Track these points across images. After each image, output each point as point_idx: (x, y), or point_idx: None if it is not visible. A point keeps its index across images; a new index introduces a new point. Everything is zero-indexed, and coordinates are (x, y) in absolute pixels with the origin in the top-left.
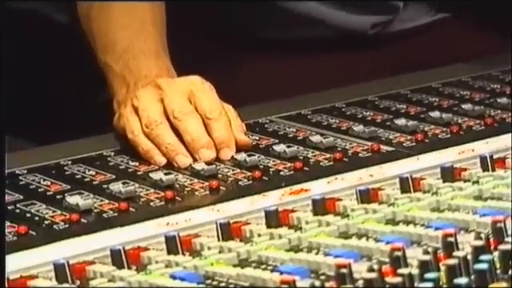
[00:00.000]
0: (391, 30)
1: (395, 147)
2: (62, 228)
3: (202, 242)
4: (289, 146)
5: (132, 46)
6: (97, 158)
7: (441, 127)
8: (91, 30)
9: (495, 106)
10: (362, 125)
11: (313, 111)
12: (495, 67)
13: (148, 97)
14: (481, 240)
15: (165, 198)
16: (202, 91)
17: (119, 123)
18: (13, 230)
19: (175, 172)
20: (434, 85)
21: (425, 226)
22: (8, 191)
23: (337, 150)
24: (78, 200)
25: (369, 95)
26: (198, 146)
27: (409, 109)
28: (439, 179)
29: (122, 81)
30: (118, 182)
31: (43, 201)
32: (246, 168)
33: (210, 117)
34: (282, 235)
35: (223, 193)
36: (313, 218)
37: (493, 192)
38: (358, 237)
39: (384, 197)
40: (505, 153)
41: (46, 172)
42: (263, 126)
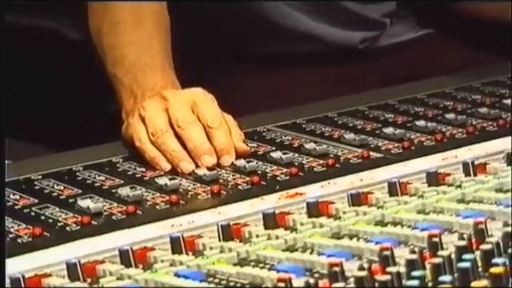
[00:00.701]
0: (379, 45)
1: (384, 154)
2: (74, 230)
3: (204, 243)
4: (285, 153)
5: (139, 61)
6: (106, 165)
7: (426, 135)
8: (102, 45)
9: (476, 115)
10: (352, 133)
11: (307, 120)
12: (476, 79)
13: (154, 107)
14: (463, 240)
15: (169, 201)
16: (204, 102)
17: (127, 132)
18: (28, 231)
19: (179, 177)
20: (419, 96)
21: (411, 227)
22: (24, 195)
23: (329, 156)
24: (88, 203)
25: (359, 105)
26: (201, 153)
27: (396, 118)
28: (425, 183)
29: (130, 92)
30: (126, 187)
31: (57, 204)
32: (245, 173)
33: (211, 126)
34: (278, 236)
35: (224, 196)
36: (307, 220)
37: (474, 195)
38: (349, 237)
39: (373, 200)
40: (485, 159)
41: (60, 177)
42: (261, 134)
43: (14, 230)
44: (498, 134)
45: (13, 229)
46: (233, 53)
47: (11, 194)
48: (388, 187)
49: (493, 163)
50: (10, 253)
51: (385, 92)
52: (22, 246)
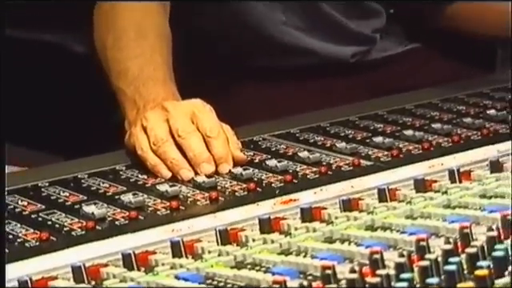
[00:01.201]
0: (369, 59)
1: (373, 162)
2: (79, 234)
3: (203, 247)
4: (280, 161)
5: (142, 74)
6: (110, 172)
7: (414, 144)
8: (106, 59)
9: (461, 125)
10: (344, 142)
11: (301, 130)
12: (461, 91)
13: (155, 117)
14: (450, 244)
15: (170, 207)
16: (203, 113)
17: (130, 141)
18: (36, 236)
19: (179, 184)
20: (407, 106)
21: (400, 231)
22: (31, 201)
23: (322, 164)
24: (93, 209)
25: (350, 116)
26: (200, 161)
27: (385, 128)
28: (412, 190)
29: (133, 104)
30: (129, 193)
31: (63, 210)
32: (241, 180)
33: (209, 135)
34: (273, 240)
35: (222, 203)
36: (301, 225)
37: (460, 201)
38: (341, 241)
39: (364, 206)
40: (470, 166)
41: (66, 184)
42: (257, 143)
43: (22, 234)
44: (481, 142)
45: (21, 233)
46: (231, 66)
47: (19, 200)
48: (378, 193)
49: (477, 170)
50: (18, 256)
51: (374, 103)
52: (29, 250)
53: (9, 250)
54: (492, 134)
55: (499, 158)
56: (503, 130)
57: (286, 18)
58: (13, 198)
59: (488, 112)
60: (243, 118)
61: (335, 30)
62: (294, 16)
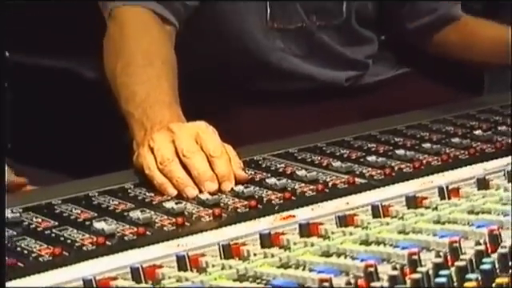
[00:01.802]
0: (363, 83)
1: (367, 180)
2: (90, 249)
3: (207, 261)
4: (279, 179)
5: (149, 98)
6: (119, 190)
7: (405, 163)
8: (116, 84)
9: (450, 145)
10: (339, 161)
11: (299, 150)
12: (449, 113)
13: (162, 139)
14: (440, 258)
15: (176, 223)
16: (207, 134)
17: (138, 161)
18: (49, 251)
19: (184, 201)
20: (398, 127)
21: (393, 246)
22: (45, 218)
23: (319, 182)
24: (103, 225)
25: (345, 136)
26: (204, 180)
27: (378, 148)
28: (404, 206)
29: (141, 125)
30: (137, 210)
31: (74, 226)
32: (243, 198)
33: (213, 155)
34: (274, 254)
35: (224, 219)
36: (299, 240)
37: (449, 217)
38: (337, 255)
39: (359, 221)
40: (458, 184)
41: (77, 202)
42: (257, 162)
43: (36, 249)
44: (469, 161)
45: (35, 249)
46: (233, 90)
47: (34, 217)
48: (371, 210)
49: (465, 188)
50: (32, 271)
51: (368, 124)
52: (43, 265)
53: (24, 265)
54: (479, 153)
55: (485, 176)
56: (489, 149)
57: (284, 45)
58: (28, 215)
59: (475, 133)
60: (244, 138)
61: (330, 57)
62: (292, 43)
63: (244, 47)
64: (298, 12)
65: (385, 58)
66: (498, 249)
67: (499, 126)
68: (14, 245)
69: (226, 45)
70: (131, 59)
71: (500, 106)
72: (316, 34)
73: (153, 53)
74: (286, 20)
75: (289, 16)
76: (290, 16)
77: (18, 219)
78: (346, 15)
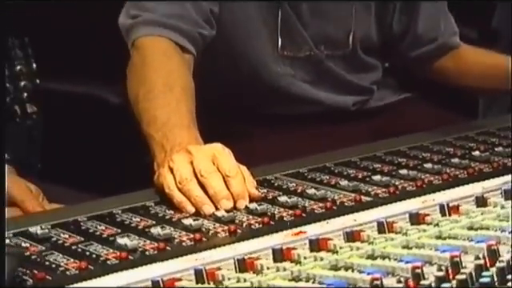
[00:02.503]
0: (368, 107)
1: (373, 198)
2: (114, 263)
3: (223, 274)
4: (290, 198)
5: (169, 121)
6: (141, 208)
7: (408, 182)
8: (138, 109)
9: (450, 164)
10: (346, 180)
11: (308, 170)
12: (449, 135)
13: (181, 160)
14: (442, 271)
15: (194, 239)
16: (223, 155)
17: (158, 180)
18: (75, 265)
19: (202, 218)
20: (402, 149)
21: (397, 260)
22: (72, 234)
23: (327, 200)
24: (126, 241)
25: (352, 157)
26: (220, 198)
27: (383, 167)
28: (408, 223)
29: (161, 147)
30: (158, 227)
31: (99, 242)
32: (257, 215)
33: (228, 175)
34: (285, 268)
35: (239, 235)
36: (309, 254)
37: (450, 233)
38: (345, 269)
39: (365, 237)
40: (458, 202)
41: (102, 219)
42: (270, 181)
43: (63, 264)
44: (468, 180)
45: (62, 263)
46: (246, 113)
47: (61, 233)
48: (377, 226)
49: (464, 205)
50: (59, 284)
51: (373, 146)
52: (70, 278)
53: (51, 278)
54: (477, 172)
55: (484, 194)
56: (487, 169)
57: (293, 72)
58: (56, 231)
59: (473, 153)
60: (258, 159)
61: (338, 83)
62: (301, 70)
63: (256, 73)
64: (306, 41)
65: (388, 83)
66: (496, 263)
67: (496, 148)
68: (42, 259)
69: (239, 71)
70: (152, 86)
71: (497, 129)
72: (324, 62)
73: (172, 80)
74: (296, 48)
75: (298, 45)
76: (299, 45)
77: (47, 235)
78: (352, 46)
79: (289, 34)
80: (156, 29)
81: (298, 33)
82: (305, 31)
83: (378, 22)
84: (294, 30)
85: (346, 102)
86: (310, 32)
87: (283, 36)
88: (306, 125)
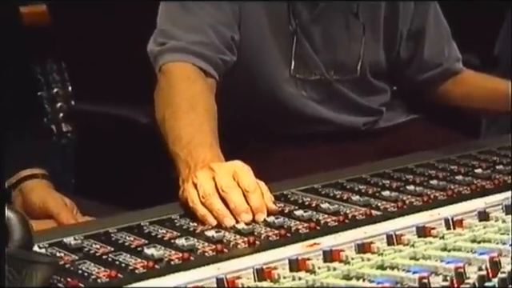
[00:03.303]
0: (377, 127)
1: (382, 212)
2: (141, 272)
3: (242, 283)
4: (305, 211)
5: (193, 140)
6: (167, 220)
7: (415, 197)
8: (164, 128)
9: (454, 181)
10: (358, 195)
11: (322, 186)
12: (453, 153)
13: (204, 176)
14: (447, 281)
15: (216, 249)
16: (243, 171)
17: (183, 195)
18: (106, 273)
19: (223, 230)
20: (409, 166)
21: (405, 270)
22: (103, 245)
23: (340, 214)
24: (153, 251)
25: (362, 174)
26: (240, 212)
27: (392, 184)
28: (415, 235)
29: (186, 164)
30: (182, 238)
31: (128, 252)
32: (274, 227)
33: (248, 190)
34: (301, 277)
35: (258, 246)
36: (323, 265)
37: (454, 245)
38: (356, 279)
39: (375, 248)
40: (462, 216)
41: (131, 230)
42: (286, 196)
43: (95, 272)
44: (471, 196)
45: (94, 271)
46: (264, 133)
47: (93, 243)
48: (386, 238)
49: (468, 219)
50: None
51: (382, 163)
52: (101, 286)
53: (83, 286)
54: (479, 189)
55: (486, 209)
56: (488, 185)
57: (306, 93)
58: (88, 242)
59: (475, 171)
60: (275, 175)
61: (348, 104)
62: (313, 92)
63: (272, 95)
64: (318, 66)
65: (397, 105)
66: (498, 274)
67: (497, 166)
68: (75, 268)
69: (257, 93)
70: (177, 107)
71: (497, 148)
72: (334, 85)
73: (196, 102)
74: (308, 72)
75: (310, 69)
76: (310, 69)
77: (80, 245)
78: (360, 72)
79: (302, 59)
80: (181, 55)
81: (310, 58)
82: (316, 57)
83: (386, 48)
84: (306, 55)
85: (357, 123)
86: (321, 57)
87: (296, 60)
88: (320, 143)
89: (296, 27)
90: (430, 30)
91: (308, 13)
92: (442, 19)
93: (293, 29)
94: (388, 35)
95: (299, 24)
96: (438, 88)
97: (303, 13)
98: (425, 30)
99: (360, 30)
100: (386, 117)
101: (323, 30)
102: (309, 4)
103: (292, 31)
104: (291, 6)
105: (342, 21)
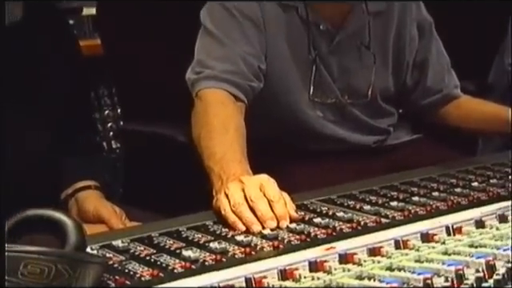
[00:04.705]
0: (386, 145)
1: (391, 220)
2: (180, 272)
3: (268, 282)
4: (323, 219)
5: (225, 156)
6: (202, 226)
7: (419, 207)
8: (200, 146)
9: (453, 193)
10: (369, 205)
11: (338, 196)
12: (453, 168)
13: (234, 187)
14: (448, 282)
15: (244, 252)
16: (268, 184)
17: (216, 204)
18: (149, 272)
19: (251, 235)
20: (414, 180)
21: (411, 272)
22: (146, 247)
23: (353, 221)
24: (190, 253)
25: (373, 186)
26: (266, 219)
27: (399, 195)
28: (419, 241)
29: (219, 177)
30: (215, 242)
31: (168, 254)
32: (296, 233)
33: (273, 200)
34: (319, 277)
35: (281, 249)
36: (339, 266)
37: (454, 250)
38: (368, 279)
39: (384, 252)
40: (461, 224)
41: (170, 235)
42: (306, 206)
43: (139, 271)
44: (468, 206)
45: (138, 271)
46: (287, 150)
47: (138, 246)
48: (394, 243)
49: (466, 227)
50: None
51: (390, 177)
52: (144, 283)
53: (130, 283)
54: (476, 200)
55: (482, 218)
56: (484, 197)
57: (323, 115)
58: (133, 245)
59: (472, 184)
60: (296, 187)
61: (361, 125)
62: (329, 113)
63: (294, 117)
64: (333, 91)
65: (403, 126)
66: (493, 276)
67: (491, 180)
68: (122, 267)
69: (280, 115)
70: (212, 128)
71: (491, 164)
72: (348, 108)
73: (228, 123)
74: (325, 96)
75: (327, 93)
76: (327, 94)
77: (126, 247)
78: (370, 97)
79: (320, 85)
80: (215, 82)
81: (327, 84)
82: (333, 83)
83: (394, 76)
84: (324, 81)
85: (368, 141)
86: (337, 84)
87: (315, 86)
88: (335, 159)
89: (315, 57)
90: (432, 60)
91: (326, 45)
92: (443, 51)
93: (312, 58)
94: (396, 65)
95: (318, 54)
96: (439, 111)
97: (322, 45)
98: (428, 61)
99: (371, 60)
100: (393, 136)
101: (339, 60)
102: (327, 37)
103: (311, 61)
104: (311, 39)
105: (356, 52)
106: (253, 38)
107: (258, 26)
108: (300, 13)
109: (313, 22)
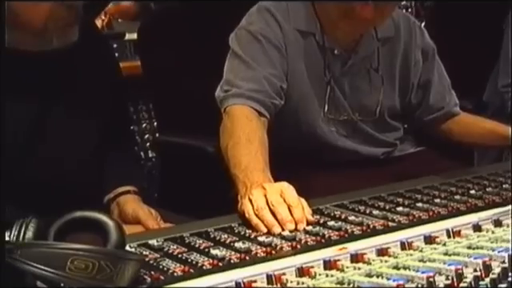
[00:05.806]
0: (393, 156)
1: (397, 224)
2: (208, 268)
3: (287, 278)
4: (336, 222)
5: (249, 165)
6: (228, 228)
7: (423, 212)
8: (227, 155)
9: (453, 200)
10: (377, 210)
11: (349, 202)
12: (452, 178)
13: (257, 193)
14: (449, 280)
15: (266, 251)
16: (288, 190)
17: (241, 208)
18: (181, 269)
19: (272, 236)
20: (418, 187)
21: (415, 270)
22: (179, 246)
23: (363, 224)
24: (217, 252)
25: (381, 193)
26: (285, 222)
27: (404, 201)
28: (423, 242)
29: (243, 184)
30: (240, 242)
31: (198, 252)
32: (312, 235)
33: (292, 205)
34: (332, 275)
35: (299, 249)
36: (350, 265)
37: (454, 251)
38: (376, 277)
39: (391, 252)
40: (460, 227)
41: (200, 235)
42: (321, 210)
43: (172, 267)
44: (467, 212)
45: (171, 267)
46: (304, 161)
47: (171, 245)
48: (400, 245)
49: (464, 230)
50: (169, 282)
51: (396, 185)
52: (176, 278)
53: (164, 278)
54: (473, 206)
55: (479, 222)
56: (480, 204)
57: (336, 129)
58: (167, 244)
59: (470, 192)
60: (312, 193)
61: (370, 139)
62: (342, 128)
63: (311, 131)
64: (346, 109)
65: (407, 139)
66: (489, 275)
67: (487, 188)
68: (157, 264)
69: (299, 129)
70: (238, 140)
71: (487, 174)
72: (359, 124)
73: (252, 136)
74: (338, 113)
75: (340, 111)
76: (340, 111)
77: (161, 246)
78: (379, 114)
79: (333, 103)
80: (241, 100)
81: (340, 102)
82: (345, 101)
83: (400, 96)
84: (337, 100)
85: (377, 153)
86: (349, 102)
87: (329, 104)
88: (347, 169)
89: (330, 79)
90: (434, 81)
91: (339, 68)
92: (444, 73)
93: (327, 80)
94: (402, 86)
95: (332, 76)
96: (440, 126)
97: (336, 67)
98: (431, 82)
99: (379, 82)
100: (399, 148)
101: (351, 81)
102: (340, 61)
103: (327, 81)
104: (326, 62)
105: (366, 74)
106: (275, 60)
107: (280, 51)
108: (317, 39)
109: (328, 47)
